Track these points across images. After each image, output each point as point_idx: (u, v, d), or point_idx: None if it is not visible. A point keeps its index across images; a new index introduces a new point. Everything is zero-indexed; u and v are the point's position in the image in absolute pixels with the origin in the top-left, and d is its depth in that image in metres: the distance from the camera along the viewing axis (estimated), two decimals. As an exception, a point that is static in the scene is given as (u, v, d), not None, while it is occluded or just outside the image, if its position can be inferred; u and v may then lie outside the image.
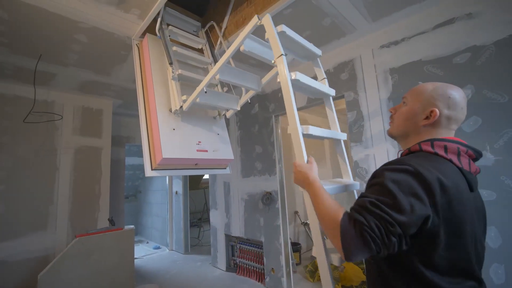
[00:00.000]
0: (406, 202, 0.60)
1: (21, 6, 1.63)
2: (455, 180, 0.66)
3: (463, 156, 0.71)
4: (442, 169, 0.65)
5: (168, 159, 1.58)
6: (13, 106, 2.68)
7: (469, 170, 0.70)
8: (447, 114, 0.75)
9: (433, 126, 0.76)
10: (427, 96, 0.77)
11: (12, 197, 2.58)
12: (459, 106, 0.76)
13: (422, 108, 0.78)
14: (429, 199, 0.61)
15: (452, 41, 1.79)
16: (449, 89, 0.77)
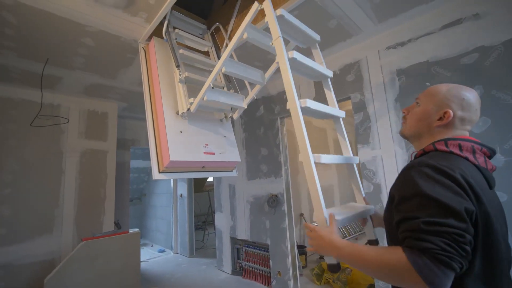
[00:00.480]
0: (456, 203, 0.57)
1: (30, 11, 1.65)
2: (475, 177, 0.64)
3: (479, 153, 0.70)
4: (462, 167, 0.64)
5: (176, 162, 1.57)
6: (20, 110, 2.70)
7: (485, 167, 0.69)
8: (460, 115, 0.75)
9: (447, 127, 0.76)
10: (441, 97, 0.77)
11: (18, 200, 2.59)
12: (473, 107, 0.76)
13: (436, 109, 0.78)
14: (465, 193, 0.59)
15: (460, 42, 1.78)
16: (463, 91, 0.77)
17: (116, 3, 1.64)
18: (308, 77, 1.35)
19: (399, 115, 2.02)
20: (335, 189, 4.93)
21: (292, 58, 1.08)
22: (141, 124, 4.38)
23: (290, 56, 1.07)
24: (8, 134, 2.61)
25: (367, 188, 2.17)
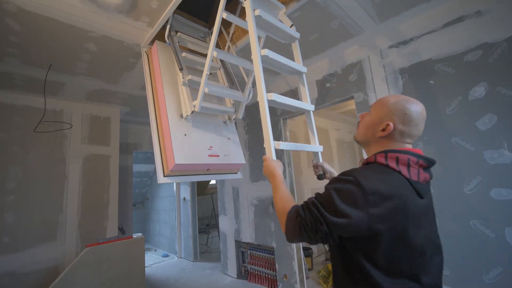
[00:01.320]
0: (341, 208, 0.69)
1: (33, 18, 1.66)
2: (400, 190, 0.71)
3: (413, 166, 0.76)
4: (388, 180, 0.72)
5: (181, 165, 1.57)
6: (23, 116, 2.70)
7: (417, 179, 0.75)
8: (400, 129, 0.80)
9: (387, 138, 0.82)
10: (387, 109, 0.83)
11: (21, 207, 2.58)
12: (414, 122, 0.80)
13: (381, 120, 0.83)
14: (367, 207, 0.68)
15: (463, 39, 1.78)
16: (408, 105, 0.81)
17: (119, 8, 1.65)
18: (285, 73, 1.48)
19: (404, 114, 2.01)
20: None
21: (265, 55, 1.21)
22: (144, 128, 4.38)
23: (263, 54, 1.20)
24: (11, 140, 2.62)
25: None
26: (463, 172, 1.73)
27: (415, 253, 0.72)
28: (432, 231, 0.79)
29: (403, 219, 0.70)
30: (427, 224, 0.76)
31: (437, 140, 1.85)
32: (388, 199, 0.69)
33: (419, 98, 1.92)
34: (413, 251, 0.72)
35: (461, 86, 1.77)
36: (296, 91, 2.84)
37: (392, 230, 0.69)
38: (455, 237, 1.74)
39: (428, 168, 0.80)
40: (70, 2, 1.56)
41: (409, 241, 0.71)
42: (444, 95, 1.83)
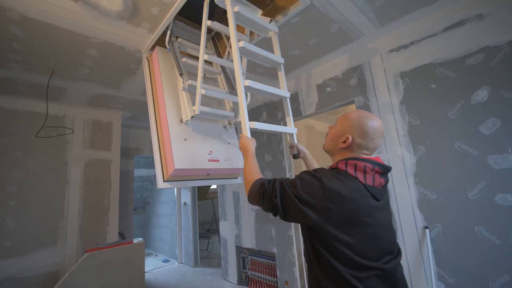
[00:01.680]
0: (299, 194, 0.83)
1: (36, 25, 1.68)
2: (353, 193, 0.82)
3: (369, 173, 0.86)
4: (345, 184, 0.83)
5: (180, 170, 1.56)
6: (25, 122, 2.72)
7: (372, 184, 0.86)
8: (358, 142, 0.92)
9: (347, 149, 0.94)
10: (348, 124, 0.95)
11: (23, 212, 2.59)
12: (370, 137, 0.91)
13: (343, 132, 0.95)
14: (323, 200, 0.80)
15: (464, 43, 1.76)
16: (366, 121, 0.92)
17: (120, 14, 1.67)
18: (263, 63, 1.60)
19: (405, 118, 1.99)
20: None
21: (242, 47, 1.34)
22: (145, 133, 4.40)
23: (241, 46, 1.33)
24: (14, 146, 2.63)
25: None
26: (467, 177, 1.70)
27: (370, 248, 0.81)
28: (389, 237, 0.90)
29: (353, 218, 0.81)
30: (383, 228, 0.87)
31: (440, 144, 1.82)
32: (342, 198, 0.80)
33: (421, 102, 1.91)
34: (367, 247, 0.81)
35: (463, 90, 1.75)
36: (296, 95, 2.84)
37: (342, 226, 0.80)
38: (460, 243, 1.70)
39: (385, 173, 0.91)
40: (71, 9, 1.58)
41: (359, 238, 0.81)
42: (446, 99, 1.81)
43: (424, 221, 1.86)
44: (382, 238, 0.85)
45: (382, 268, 0.80)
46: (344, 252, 0.79)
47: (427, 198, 1.86)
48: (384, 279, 0.80)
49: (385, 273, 0.81)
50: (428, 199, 1.85)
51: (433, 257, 1.80)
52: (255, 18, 1.54)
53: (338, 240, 0.80)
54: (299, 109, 2.79)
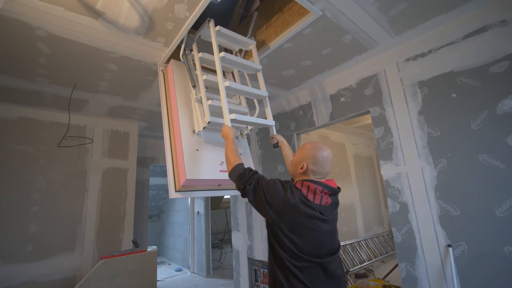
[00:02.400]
0: (268, 194, 1.09)
1: (61, 41, 1.79)
2: (303, 207, 1.06)
3: (318, 194, 1.10)
4: (300, 199, 1.07)
5: (192, 180, 1.57)
6: (49, 132, 2.87)
7: (319, 203, 1.09)
8: (312, 168, 1.16)
9: (304, 174, 1.19)
10: (303, 154, 1.20)
11: (45, 217, 2.70)
12: (320, 164, 1.16)
13: (300, 161, 1.19)
14: (282, 206, 1.06)
15: (487, 50, 1.68)
16: (317, 151, 1.17)
17: (137, 30, 1.74)
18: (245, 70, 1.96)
19: (424, 129, 1.90)
20: (357, 206, 4.70)
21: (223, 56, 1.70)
22: (160, 142, 4.51)
23: (221, 56, 1.70)
24: (38, 154, 2.78)
25: (392, 207, 2.03)
26: (494, 192, 1.58)
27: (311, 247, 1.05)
28: (330, 241, 1.12)
29: (299, 222, 1.05)
30: (326, 235, 1.10)
31: (463, 157, 1.72)
32: (295, 210, 1.05)
33: (441, 112, 1.83)
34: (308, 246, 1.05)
35: (488, 99, 1.65)
36: (309, 105, 2.81)
37: (290, 227, 1.05)
38: (487, 264, 1.57)
39: (333, 195, 1.15)
40: (93, 26, 1.67)
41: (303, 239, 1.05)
42: (469, 109, 1.72)
43: (446, 238, 1.74)
44: (324, 242, 1.09)
45: (319, 262, 1.05)
46: (290, 247, 1.03)
47: (449, 214, 1.74)
48: (319, 269, 1.05)
49: (321, 265, 1.06)
50: (450, 215, 1.74)
51: (457, 277, 1.67)
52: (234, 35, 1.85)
53: (287, 237, 1.04)
54: (313, 119, 2.75)
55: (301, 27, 1.74)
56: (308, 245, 1.04)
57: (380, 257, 4.13)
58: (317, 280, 1.03)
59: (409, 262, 1.90)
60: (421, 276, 1.83)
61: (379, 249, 4.33)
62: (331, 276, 1.07)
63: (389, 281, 3.21)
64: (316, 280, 1.03)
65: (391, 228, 4.93)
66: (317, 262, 1.04)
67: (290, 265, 1.02)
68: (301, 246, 1.03)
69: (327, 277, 1.06)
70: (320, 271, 1.05)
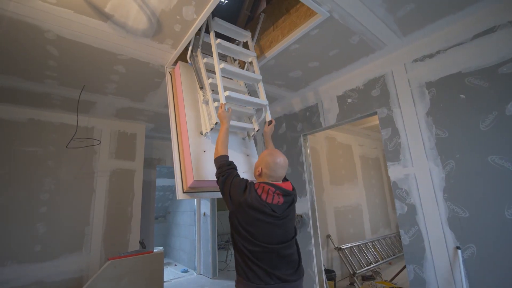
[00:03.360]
0: (231, 188, 1.30)
1: (70, 44, 1.82)
2: (257, 204, 1.23)
3: (270, 194, 1.27)
4: (253, 197, 1.25)
5: (199, 181, 1.58)
6: (58, 133, 2.92)
7: (271, 202, 1.26)
8: (265, 172, 1.34)
9: (261, 177, 1.37)
10: (260, 159, 1.39)
11: (53, 218, 2.73)
12: (272, 169, 1.33)
13: (258, 165, 1.39)
14: (239, 200, 1.25)
15: (496, 51, 1.66)
16: (270, 158, 1.35)
17: (145, 32, 1.76)
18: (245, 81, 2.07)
19: (432, 130, 1.89)
20: (364, 208, 4.66)
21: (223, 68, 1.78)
22: (167, 144, 4.54)
23: (221, 67, 1.77)
24: (47, 155, 2.82)
25: (400, 209, 2.01)
26: (504, 194, 1.57)
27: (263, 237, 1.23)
28: (282, 233, 1.29)
29: (252, 215, 1.23)
30: (277, 227, 1.27)
31: (472, 158, 1.70)
32: (249, 205, 1.23)
33: (449, 113, 1.81)
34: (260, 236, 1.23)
35: (497, 100, 1.63)
36: (316, 107, 2.81)
37: (245, 219, 1.24)
38: (498, 267, 1.55)
39: (285, 195, 1.30)
40: (102, 29, 1.70)
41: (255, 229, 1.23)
42: (477, 110, 1.70)
43: (455, 240, 1.72)
44: (275, 233, 1.26)
45: (272, 248, 1.23)
46: (245, 234, 1.23)
47: (458, 215, 1.72)
48: (273, 254, 1.24)
49: (274, 251, 1.24)
50: (459, 217, 1.72)
51: (467, 280, 1.65)
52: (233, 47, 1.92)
53: (242, 227, 1.24)
54: (319, 120, 2.75)
55: (308, 29, 1.75)
56: (260, 234, 1.23)
57: (387, 259, 4.10)
58: (269, 261, 1.23)
59: (417, 264, 1.88)
60: (430, 278, 1.81)
61: (386, 251, 4.29)
62: (285, 259, 1.27)
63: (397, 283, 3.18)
64: (269, 261, 1.23)
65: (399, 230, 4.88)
66: (270, 248, 1.23)
67: (245, 249, 1.23)
68: (254, 234, 1.23)
69: (281, 259, 1.26)
70: (274, 255, 1.24)
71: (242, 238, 1.25)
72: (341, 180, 4.34)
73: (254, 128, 1.96)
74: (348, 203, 4.35)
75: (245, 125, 1.88)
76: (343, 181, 4.37)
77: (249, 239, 1.22)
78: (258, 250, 1.22)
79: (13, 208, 2.55)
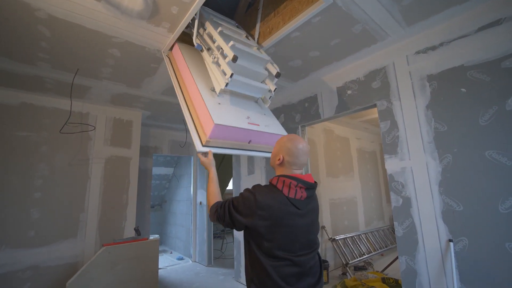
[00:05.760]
0: (240, 210, 1.09)
1: (62, 24, 1.75)
2: (278, 203, 1.06)
3: (292, 188, 1.10)
4: (273, 196, 1.07)
5: (220, 127, 1.40)
6: (52, 118, 2.86)
7: (294, 197, 1.09)
8: (288, 159, 1.16)
9: (281, 166, 1.19)
10: (280, 146, 1.21)
11: (47, 204, 2.71)
12: (295, 155, 1.15)
13: (277, 153, 1.20)
14: (256, 210, 1.04)
15: (500, 44, 1.63)
16: (292, 143, 1.17)
17: (141, 14, 1.70)
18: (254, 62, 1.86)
19: (431, 123, 1.88)
20: (359, 201, 4.71)
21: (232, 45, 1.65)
22: (164, 132, 4.49)
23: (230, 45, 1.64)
24: (41, 140, 2.77)
25: (395, 201, 2.02)
26: (498, 188, 1.57)
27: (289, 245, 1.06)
28: (308, 231, 1.12)
29: (277, 223, 1.05)
30: (303, 225, 1.10)
31: (469, 152, 1.70)
32: (269, 207, 1.05)
33: (449, 107, 1.79)
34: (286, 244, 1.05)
35: (498, 95, 1.62)
36: (315, 98, 2.77)
37: (269, 228, 1.04)
38: (487, 260, 1.57)
39: (309, 189, 1.14)
40: (95, 9, 1.63)
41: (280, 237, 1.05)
42: (478, 105, 1.69)
43: (448, 233, 1.74)
44: (299, 237, 1.09)
45: (294, 260, 1.05)
46: (267, 246, 1.04)
47: (452, 209, 1.74)
48: (295, 267, 1.06)
49: (297, 263, 1.06)
50: (453, 211, 1.73)
51: (457, 272, 1.67)
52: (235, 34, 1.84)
53: (264, 238, 1.05)
54: (318, 112, 2.72)
55: (310, 15, 1.69)
56: (285, 242, 1.05)
57: (379, 250, 4.17)
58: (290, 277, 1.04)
59: (410, 255, 1.91)
60: (421, 269, 1.84)
61: (379, 242, 4.35)
62: (306, 273, 1.07)
63: (388, 274, 3.24)
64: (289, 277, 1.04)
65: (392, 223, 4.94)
66: (291, 259, 1.04)
67: (267, 265, 1.03)
68: (278, 243, 1.04)
69: (302, 273, 1.06)
70: (296, 266, 1.05)
71: (263, 251, 1.05)
72: (338, 173, 4.35)
73: (270, 89, 1.83)
74: (344, 195, 4.37)
75: (259, 84, 1.76)
76: (339, 173, 4.38)
77: (271, 250, 1.04)
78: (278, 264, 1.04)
79: (6, 193, 2.52)
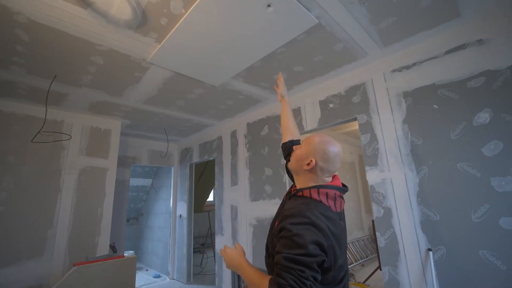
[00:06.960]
0: (312, 248, 0.77)
1: (42, 29, 1.68)
2: (333, 221, 0.87)
3: (337, 199, 0.92)
4: (326, 215, 0.86)
5: None
6: (22, 126, 2.67)
7: (339, 210, 0.93)
8: (321, 165, 0.94)
9: (310, 172, 0.96)
10: (311, 147, 0.97)
11: (10, 220, 2.48)
12: (331, 161, 0.95)
13: (307, 155, 0.97)
14: (326, 242, 0.80)
15: (465, 66, 1.80)
16: (327, 146, 0.95)
17: (128, 23, 1.67)
18: None
19: (408, 137, 1.99)
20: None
21: None
22: (143, 141, 4.35)
23: None
24: (8, 150, 2.57)
25: (377, 212, 2.09)
26: (471, 199, 1.68)
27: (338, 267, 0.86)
28: (344, 255, 0.94)
29: (338, 244, 0.86)
30: (345, 241, 0.94)
31: (443, 164, 1.81)
32: (333, 233, 0.84)
33: (424, 122, 1.92)
34: (342, 266, 0.89)
35: (465, 112, 1.76)
36: (299, 110, 2.85)
37: (334, 255, 0.84)
38: (464, 268, 1.66)
39: (343, 196, 0.97)
40: (81, 16, 1.59)
41: (340, 259, 0.87)
42: (448, 120, 1.83)
43: (427, 243, 1.82)
44: (343, 256, 0.91)
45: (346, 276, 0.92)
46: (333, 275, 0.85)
47: (430, 219, 1.83)
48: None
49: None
50: (431, 220, 1.82)
51: (437, 281, 1.74)
52: None
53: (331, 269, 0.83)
54: (301, 124, 2.79)
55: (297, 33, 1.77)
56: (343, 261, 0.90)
57: (360, 261, 4.23)
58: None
59: (392, 266, 1.96)
60: (403, 280, 1.89)
61: (359, 252, 4.43)
62: None
63: (370, 285, 3.29)
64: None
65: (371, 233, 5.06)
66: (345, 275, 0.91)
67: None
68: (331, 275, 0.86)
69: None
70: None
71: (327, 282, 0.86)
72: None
73: None
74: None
75: None
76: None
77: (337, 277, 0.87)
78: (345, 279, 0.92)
79: (-37, 208, 2.28)
